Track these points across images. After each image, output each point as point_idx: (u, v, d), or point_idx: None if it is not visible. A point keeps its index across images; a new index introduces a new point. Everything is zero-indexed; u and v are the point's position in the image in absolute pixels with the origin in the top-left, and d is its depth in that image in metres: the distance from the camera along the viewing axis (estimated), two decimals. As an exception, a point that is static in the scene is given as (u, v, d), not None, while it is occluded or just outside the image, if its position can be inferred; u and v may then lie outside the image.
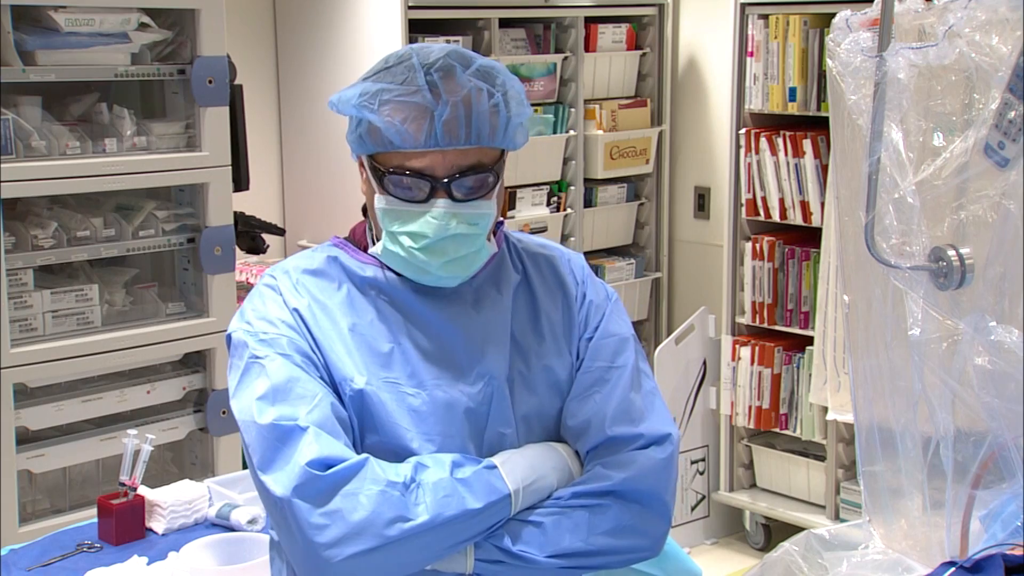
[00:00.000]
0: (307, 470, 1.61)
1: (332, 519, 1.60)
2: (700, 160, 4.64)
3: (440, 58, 1.70)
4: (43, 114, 3.17)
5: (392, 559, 1.62)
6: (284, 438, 1.64)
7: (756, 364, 4.10)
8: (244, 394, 1.70)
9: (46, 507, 3.26)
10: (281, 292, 1.76)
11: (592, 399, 1.79)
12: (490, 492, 1.67)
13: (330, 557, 1.59)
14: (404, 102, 1.68)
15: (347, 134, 1.78)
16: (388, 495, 1.61)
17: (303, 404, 1.66)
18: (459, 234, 1.70)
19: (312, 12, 4.05)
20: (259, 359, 1.70)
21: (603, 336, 1.84)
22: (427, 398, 1.73)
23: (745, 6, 3.97)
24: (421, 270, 1.74)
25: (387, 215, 1.73)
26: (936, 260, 1.99)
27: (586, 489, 1.73)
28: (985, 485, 1.93)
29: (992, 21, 1.88)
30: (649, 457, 1.75)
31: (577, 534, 1.70)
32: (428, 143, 1.68)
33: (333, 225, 4.10)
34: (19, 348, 3.07)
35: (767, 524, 4.25)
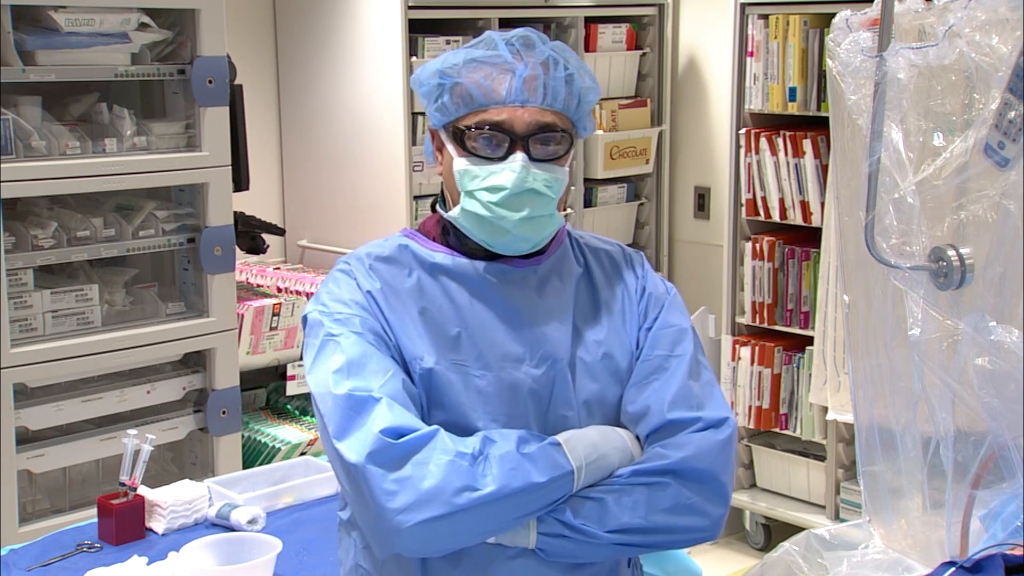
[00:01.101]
0: (380, 437, 1.67)
1: (403, 486, 1.65)
2: (700, 160, 4.64)
3: (523, 34, 1.83)
4: (43, 114, 3.17)
5: (459, 527, 1.68)
6: (359, 407, 1.70)
7: (756, 364, 4.10)
8: (320, 368, 1.77)
9: (46, 507, 3.25)
10: (355, 276, 1.84)
11: (651, 386, 1.84)
12: (554, 467, 1.72)
13: (400, 523, 1.65)
14: (486, 63, 1.79)
15: (427, 111, 1.86)
16: (457, 465, 1.67)
17: (376, 378, 1.73)
18: (535, 190, 1.78)
19: (312, 12, 4.05)
20: (334, 336, 1.78)
21: (662, 327, 1.90)
22: (493, 379, 1.79)
23: (745, 6, 3.97)
24: (496, 228, 1.80)
25: (466, 175, 1.80)
26: (936, 260, 1.99)
27: (646, 468, 1.77)
28: (985, 485, 1.93)
29: (992, 21, 1.88)
30: (707, 438, 1.80)
31: (636, 511, 1.75)
32: (508, 99, 1.77)
33: (333, 225, 4.10)
34: (19, 348, 3.07)
35: (767, 524, 4.25)
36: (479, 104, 1.78)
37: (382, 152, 3.89)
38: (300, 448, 3.60)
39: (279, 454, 3.57)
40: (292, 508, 2.62)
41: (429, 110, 1.85)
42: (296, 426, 3.70)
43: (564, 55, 1.82)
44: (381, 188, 3.92)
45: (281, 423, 3.73)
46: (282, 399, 3.87)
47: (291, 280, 3.85)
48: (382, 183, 3.92)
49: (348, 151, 4.02)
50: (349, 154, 4.01)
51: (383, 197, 3.91)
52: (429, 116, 1.86)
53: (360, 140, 3.97)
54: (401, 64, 3.77)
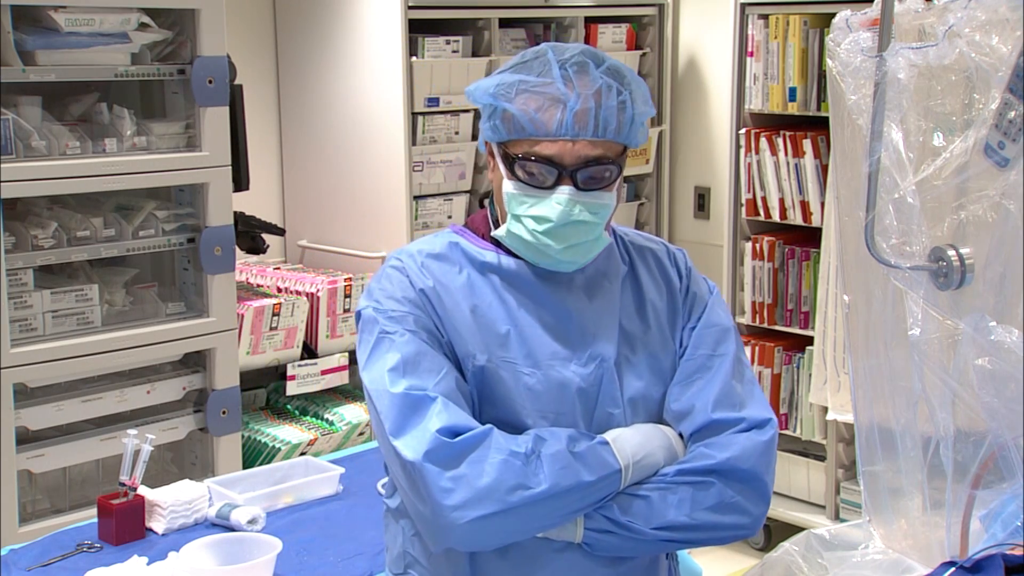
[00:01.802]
0: (438, 436, 1.71)
1: (458, 483, 1.70)
2: (700, 160, 4.64)
3: (575, 54, 1.80)
4: (43, 114, 3.17)
5: (512, 524, 1.72)
6: (416, 406, 1.74)
7: (756, 364, 4.10)
8: (375, 366, 1.79)
9: (46, 507, 3.25)
10: (408, 274, 1.86)
11: (695, 384, 1.88)
12: (603, 466, 1.76)
13: (456, 519, 1.69)
14: (539, 92, 1.77)
15: (480, 123, 1.86)
16: (511, 463, 1.71)
17: (431, 376, 1.76)
18: (580, 221, 1.79)
19: (312, 12, 4.05)
20: (389, 334, 1.80)
21: (706, 326, 1.94)
22: (542, 377, 1.82)
23: (745, 6, 3.97)
24: (542, 253, 1.83)
25: (514, 199, 1.81)
26: (936, 260, 1.99)
27: (690, 467, 1.81)
28: (985, 485, 1.93)
29: (992, 21, 1.88)
30: (750, 439, 1.84)
31: (681, 508, 1.79)
32: (559, 132, 1.76)
33: (333, 225, 4.10)
34: (19, 348, 3.07)
35: (767, 524, 4.25)
36: (529, 134, 1.78)
37: (382, 152, 3.89)
38: (300, 448, 3.60)
39: (279, 454, 3.57)
40: (292, 508, 2.62)
41: (483, 122, 1.85)
42: (296, 426, 3.70)
43: (619, 78, 1.81)
44: (381, 188, 3.92)
45: (281, 423, 3.73)
46: (282, 399, 3.87)
47: (291, 280, 3.85)
48: (382, 183, 3.91)
49: (348, 151, 4.01)
50: (349, 154, 4.01)
51: (383, 197, 3.91)
52: (483, 127, 1.85)
53: (360, 140, 3.97)
54: (401, 64, 3.77)
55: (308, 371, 3.74)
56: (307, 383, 3.75)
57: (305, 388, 3.75)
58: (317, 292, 3.74)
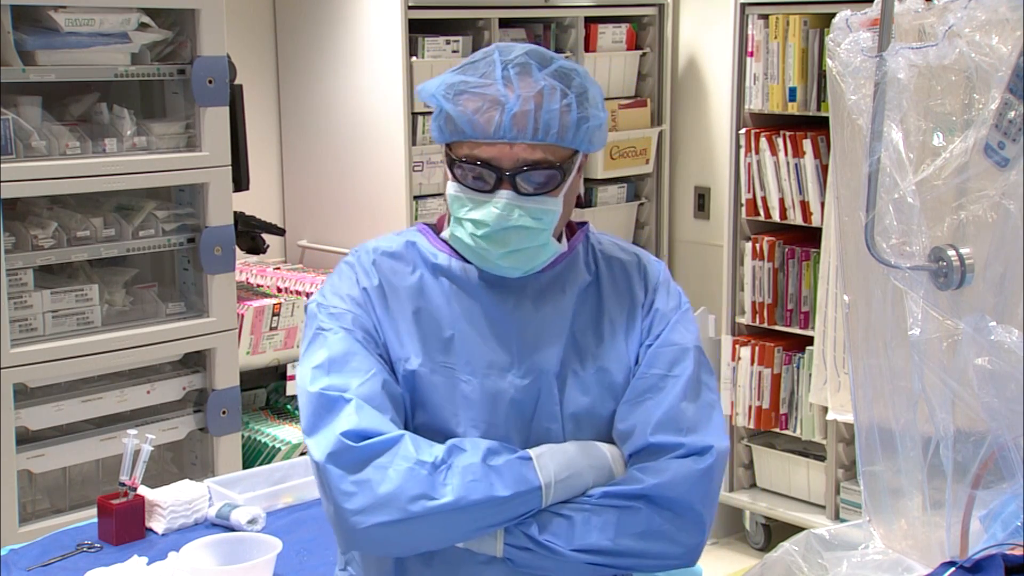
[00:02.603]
0: (341, 439, 1.70)
1: (360, 488, 1.68)
2: (700, 160, 4.64)
3: (519, 55, 1.77)
4: (43, 114, 3.17)
5: (415, 534, 1.70)
6: (329, 406, 1.73)
7: (756, 364, 4.10)
8: (305, 362, 1.80)
9: (46, 507, 3.25)
10: (356, 271, 1.85)
11: (643, 405, 1.82)
12: (519, 482, 1.72)
13: (355, 523, 1.68)
14: (478, 93, 1.74)
15: (431, 122, 1.84)
16: (416, 472, 1.69)
17: (356, 376, 1.75)
18: (520, 226, 1.75)
19: (312, 12, 4.05)
20: (324, 331, 1.80)
21: (663, 344, 1.86)
22: (477, 386, 1.79)
23: (745, 6, 3.97)
24: (483, 258, 1.81)
25: (456, 201, 1.79)
26: (936, 260, 1.99)
27: (616, 490, 1.76)
28: (985, 485, 1.93)
29: (992, 21, 1.88)
30: (685, 466, 1.77)
31: (605, 532, 1.74)
32: (496, 134, 1.73)
33: (333, 225, 4.10)
34: (19, 348, 3.07)
35: (767, 524, 4.25)
36: (468, 136, 1.75)
37: (382, 152, 3.89)
38: (300, 448, 3.60)
39: (279, 454, 3.57)
40: (292, 508, 2.62)
41: (431, 125, 1.83)
42: (296, 426, 3.70)
43: (566, 81, 1.76)
44: (381, 188, 3.92)
45: (281, 423, 3.73)
46: (282, 399, 3.87)
47: (291, 280, 3.85)
48: (382, 183, 3.91)
49: (348, 151, 4.01)
50: (349, 154, 4.01)
51: (383, 197, 3.91)
52: (431, 131, 1.84)
53: (360, 140, 3.97)
54: (401, 64, 3.77)
55: (308, 371, 3.73)
56: None
57: (305, 388, 3.74)
58: (317, 292, 3.74)
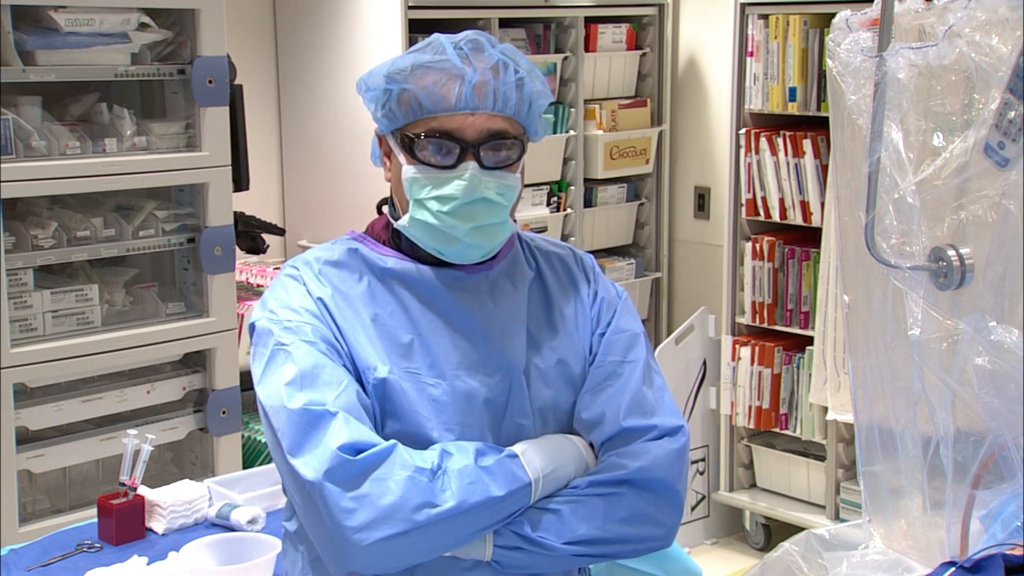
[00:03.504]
0: (338, 454, 1.63)
1: (361, 503, 1.62)
2: (700, 160, 4.64)
3: (468, 36, 1.79)
4: (43, 114, 3.17)
5: (418, 544, 1.65)
6: (314, 423, 1.66)
7: (756, 364, 4.10)
8: (270, 380, 1.72)
9: (46, 507, 3.25)
10: (305, 282, 1.79)
11: (605, 392, 1.82)
12: (512, 480, 1.70)
13: (359, 541, 1.62)
14: (435, 68, 1.75)
15: (374, 116, 1.83)
16: (416, 480, 1.64)
17: (330, 390, 1.68)
18: (486, 199, 1.75)
19: (312, 12, 4.05)
20: (284, 346, 1.72)
21: (615, 332, 1.88)
22: (447, 388, 1.76)
23: (745, 6, 3.97)
24: (447, 237, 1.77)
25: (415, 183, 1.77)
26: (936, 260, 1.99)
27: (602, 478, 1.76)
28: (985, 485, 1.93)
29: (992, 21, 1.88)
30: (662, 447, 1.79)
31: (593, 521, 1.73)
32: (458, 105, 1.73)
33: (333, 225, 4.10)
34: (19, 348, 3.07)
35: (767, 524, 4.25)
36: (428, 111, 1.74)
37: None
38: (300, 448, 3.59)
39: (279, 454, 3.57)
40: (292, 508, 2.62)
41: (376, 116, 1.81)
42: (296, 426, 3.70)
43: (514, 58, 1.79)
44: (381, 188, 3.90)
45: (281, 423, 3.73)
46: (282, 399, 3.87)
47: (291, 280, 3.84)
48: (382, 183, 3.89)
49: (348, 151, 4.01)
50: (349, 154, 4.01)
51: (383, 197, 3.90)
52: (376, 122, 1.82)
53: (360, 140, 3.96)
54: (401, 64, 3.77)
55: (308, 371, 3.73)
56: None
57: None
58: (317, 292, 3.74)
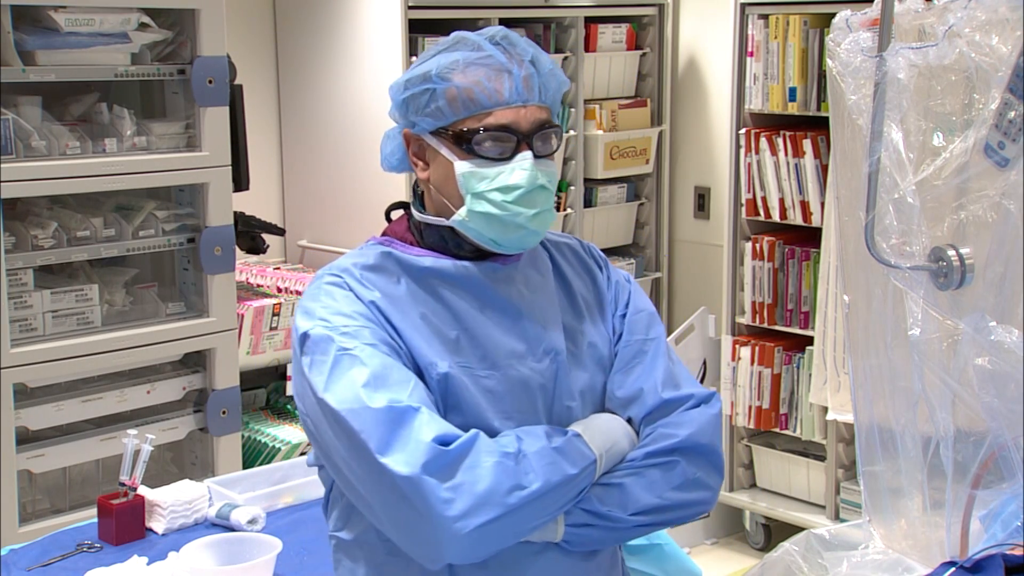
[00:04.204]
0: (433, 446, 1.65)
1: (458, 492, 1.64)
2: (700, 160, 4.64)
3: (496, 30, 1.85)
4: (43, 114, 3.17)
5: (511, 526, 1.69)
6: (399, 419, 1.67)
7: (756, 364, 4.10)
8: (341, 385, 1.72)
9: (46, 507, 3.26)
10: (351, 288, 1.80)
11: (636, 370, 1.90)
12: (582, 458, 1.75)
13: (459, 529, 1.64)
14: (482, 64, 1.79)
15: (408, 117, 1.83)
16: (504, 465, 1.68)
17: (403, 388, 1.71)
18: (543, 186, 1.81)
19: (312, 12, 4.05)
20: (348, 351, 1.73)
21: (635, 312, 1.96)
22: (501, 378, 1.80)
23: (745, 6, 3.97)
24: (509, 227, 1.80)
25: (473, 177, 1.79)
26: (936, 260, 1.99)
27: (656, 448, 1.83)
28: (985, 485, 1.93)
29: (992, 21, 1.88)
30: (703, 414, 1.87)
31: (652, 491, 1.80)
32: (511, 98, 1.78)
33: (333, 225, 4.10)
34: (19, 348, 3.07)
35: (767, 524, 4.25)
36: (482, 106, 1.77)
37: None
38: (300, 448, 3.60)
39: (279, 454, 3.57)
40: (292, 508, 2.62)
41: (415, 116, 1.81)
42: (296, 426, 3.70)
43: (537, 50, 1.85)
44: (381, 188, 3.92)
45: (281, 423, 3.73)
46: (282, 399, 3.87)
47: (291, 280, 3.85)
48: (382, 183, 3.91)
49: (348, 151, 4.01)
50: (349, 154, 4.01)
51: (383, 197, 3.89)
52: (415, 122, 1.82)
53: (360, 140, 3.97)
54: (401, 64, 3.77)
55: (308, 371, 3.73)
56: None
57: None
58: (317, 292, 3.74)
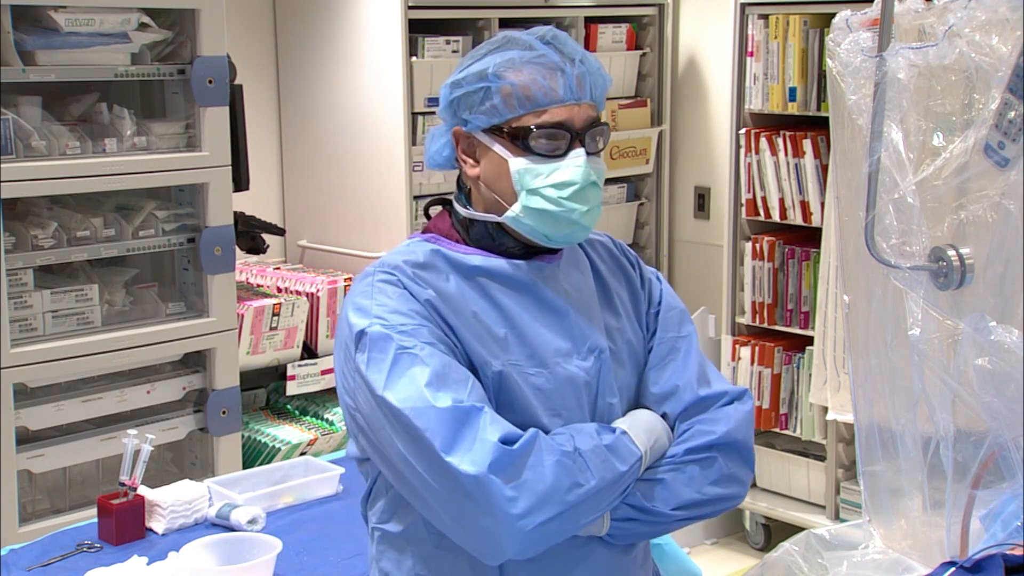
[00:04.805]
0: (500, 446, 1.67)
1: (520, 491, 1.67)
2: (700, 160, 4.64)
3: (545, 30, 1.86)
4: (43, 114, 3.17)
5: (570, 522, 1.72)
6: (464, 419, 1.69)
7: (756, 364, 4.10)
8: (403, 384, 1.71)
9: (46, 507, 3.25)
10: (405, 286, 1.80)
11: (670, 366, 1.94)
12: (629, 455, 1.79)
13: (523, 527, 1.67)
14: (537, 63, 1.80)
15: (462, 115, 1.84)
16: (564, 463, 1.71)
17: (463, 387, 1.73)
18: (595, 183, 1.83)
19: (312, 12, 4.05)
20: (408, 349, 1.73)
21: (667, 309, 1.99)
22: (549, 375, 1.82)
23: (745, 6, 3.97)
24: (563, 222, 1.82)
25: (528, 174, 1.81)
26: (936, 260, 1.99)
27: (695, 444, 1.86)
28: (985, 485, 1.93)
29: (992, 21, 1.88)
30: (738, 411, 1.92)
31: (692, 486, 1.84)
32: (566, 96, 1.80)
33: (333, 225, 4.10)
34: (19, 348, 3.07)
35: (767, 524, 4.25)
36: (538, 104, 1.79)
37: (382, 152, 3.89)
38: (300, 448, 3.60)
39: (279, 454, 3.57)
40: (292, 508, 2.62)
41: (467, 114, 1.82)
42: (296, 426, 3.70)
43: (584, 51, 1.87)
44: (381, 188, 3.92)
45: (281, 423, 3.73)
46: (282, 399, 3.87)
47: (291, 280, 3.85)
48: (382, 183, 3.91)
49: (348, 151, 4.01)
50: (349, 154, 4.01)
51: (383, 197, 3.91)
52: (468, 120, 1.82)
53: (360, 140, 3.97)
54: (401, 64, 3.77)
55: (308, 371, 3.74)
56: (307, 383, 3.75)
57: (305, 388, 3.75)
58: (317, 292, 3.74)
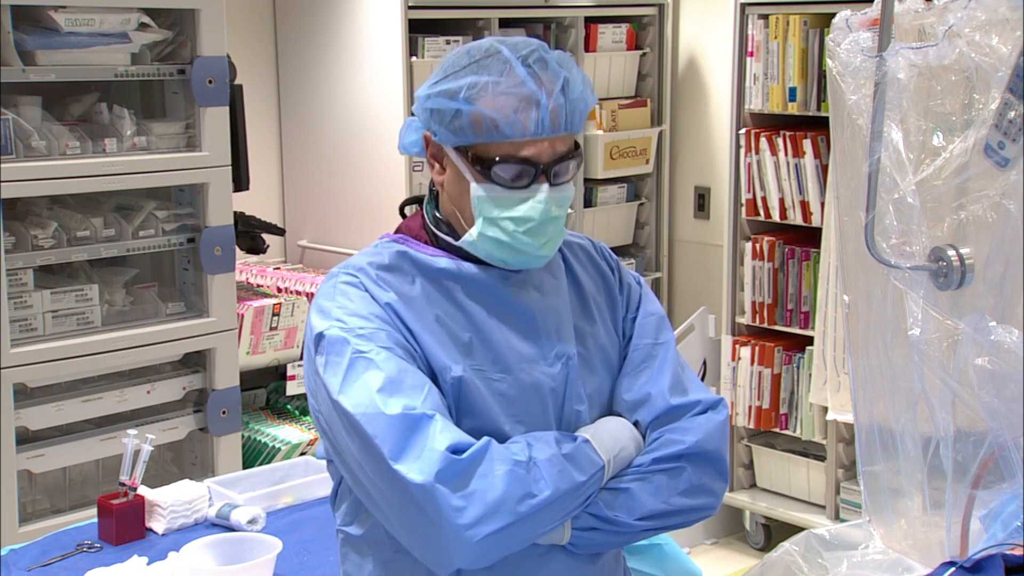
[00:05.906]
0: (447, 455, 1.65)
1: (470, 500, 1.65)
2: (700, 160, 4.64)
3: (532, 49, 1.77)
4: (43, 114, 3.17)
5: (520, 534, 1.70)
6: (414, 426, 1.67)
7: (756, 364, 4.10)
8: (356, 389, 1.71)
9: (46, 507, 3.26)
10: (367, 288, 1.79)
11: (644, 373, 1.91)
12: (591, 464, 1.76)
13: (471, 537, 1.65)
14: (510, 93, 1.73)
15: (431, 127, 1.79)
16: (516, 473, 1.68)
17: (417, 394, 1.70)
18: (555, 217, 1.79)
19: (312, 12, 4.05)
20: (364, 353, 1.72)
21: (645, 315, 1.96)
22: (513, 382, 1.80)
23: (745, 6, 3.97)
24: (517, 252, 1.80)
25: (487, 202, 1.78)
26: (936, 260, 1.99)
27: (663, 454, 1.83)
28: (985, 485, 1.93)
29: (992, 21, 1.88)
30: (710, 420, 1.88)
31: (659, 496, 1.81)
32: (537, 132, 1.74)
33: (333, 225, 4.10)
34: (19, 348, 3.07)
35: (767, 524, 4.25)
36: (505, 136, 1.73)
37: (382, 152, 3.89)
38: (300, 448, 3.60)
39: (279, 454, 3.57)
40: (292, 508, 2.62)
41: (437, 127, 1.78)
42: (296, 426, 3.70)
43: (569, 68, 1.79)
44: (381, 188, 3.92)
45: (281, 423, 3.73)
46: (282, 399, 3.87)
47: (291, 280, 3.85)
48: (382, 183, 3.91)
49: (348, 151, 4.01)
50: (349, 154, 4.01)
51: (383, 197, 3.91)
52: (436, 132, 1.78)
53: (360, 140, 3.97)
54: (401, 64, 3.77)
55: (308, 371, 3.74)
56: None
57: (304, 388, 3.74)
58: (317, 292, 3.74)
